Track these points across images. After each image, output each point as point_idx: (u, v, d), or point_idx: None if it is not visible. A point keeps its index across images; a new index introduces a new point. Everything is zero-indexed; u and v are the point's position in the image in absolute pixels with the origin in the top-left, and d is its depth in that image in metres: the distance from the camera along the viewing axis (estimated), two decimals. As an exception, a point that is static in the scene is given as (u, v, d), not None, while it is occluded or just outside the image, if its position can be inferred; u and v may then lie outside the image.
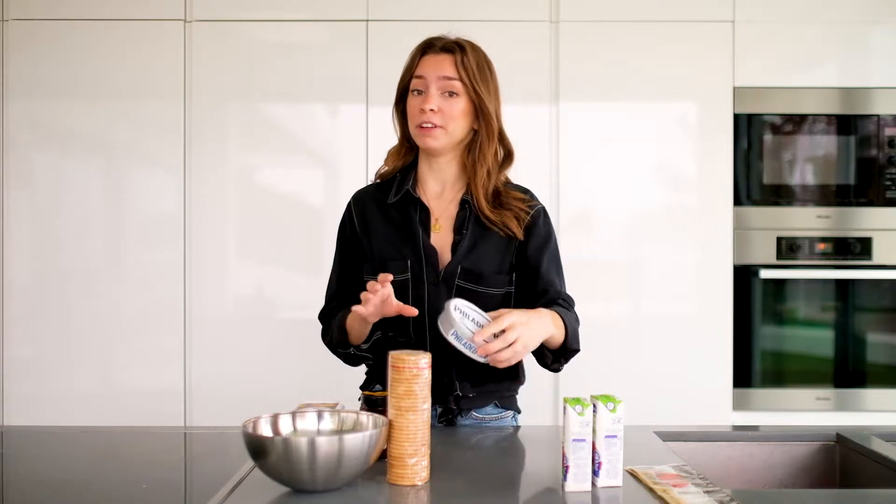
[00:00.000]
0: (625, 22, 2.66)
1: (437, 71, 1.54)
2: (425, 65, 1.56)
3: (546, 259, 1.60)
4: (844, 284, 2.69)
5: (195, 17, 2.64)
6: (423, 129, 1.54)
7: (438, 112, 1.54)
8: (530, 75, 2.65)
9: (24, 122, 2.65)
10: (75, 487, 1.27)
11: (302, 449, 1.12)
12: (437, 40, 1.58)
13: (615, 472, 1.21)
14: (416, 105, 1.56)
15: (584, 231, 2.67)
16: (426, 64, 1.56)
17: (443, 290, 1.55)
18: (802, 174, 2.70)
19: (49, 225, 2.65)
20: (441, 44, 1.57)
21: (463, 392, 1.56)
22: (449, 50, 1.56)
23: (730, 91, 2.66)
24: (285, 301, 2.67)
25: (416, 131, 1.56)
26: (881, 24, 2.69)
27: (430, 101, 1.53)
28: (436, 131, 1.54)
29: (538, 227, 1.62)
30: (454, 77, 1.54)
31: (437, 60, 1.56)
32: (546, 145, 2.65)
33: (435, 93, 1.54)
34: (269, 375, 2.59)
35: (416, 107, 1.56)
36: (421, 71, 1.56)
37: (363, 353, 1.59)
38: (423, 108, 1.53)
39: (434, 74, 1.54)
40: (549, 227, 1.64)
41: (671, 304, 2.67)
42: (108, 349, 2.64)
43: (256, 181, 2.68)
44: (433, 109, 1.53)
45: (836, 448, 1.56)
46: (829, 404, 2.66)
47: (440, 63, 1.55)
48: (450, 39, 1.58)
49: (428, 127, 1.54)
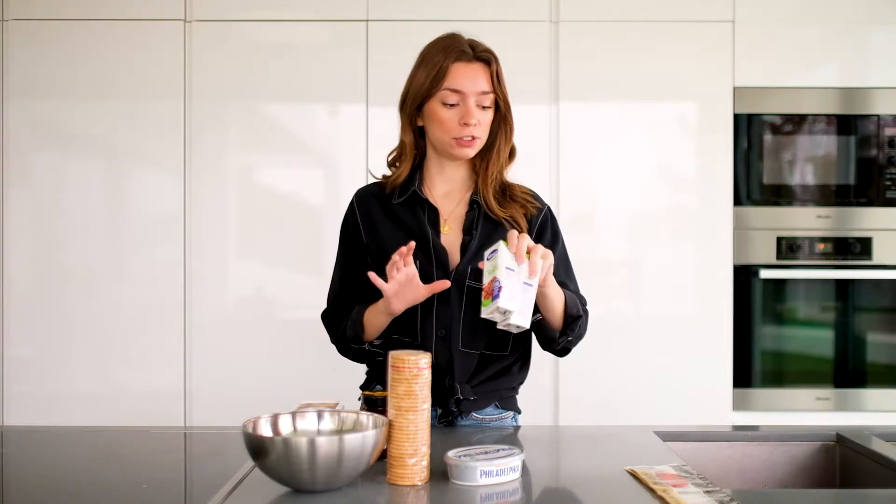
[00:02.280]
0: (625, 22, 2.66)
1: (475, 86, 1.53)
2: (460, 76, 1.53)
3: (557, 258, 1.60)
4: (844, 284, 2.69)
5: (195, 17, 2.64)
6: (463, 142, 1.54)
7: (477, 125, 1.54)
8: (530, 75, 2.65)
9: (24, 122, 2.65)
10: (75, 487, 1.27)
11: (302, 449, 1.12)
12: (465, 45, 1.55)
13: (526, 314, 1.36)
14: (453, 118, 1.54)
15: (584, 231, 2.67)
16: (461, 75, 1.53)
17: (453, 290, 1.55)
18: (802, 174, 2.70)
19: (49, 225, 2.65)
20: (472, 52, 1.55)
21: (464, 395, 1.56)
22: (483, 60, 1.55)
23: (730, 91, 2.66)
24: (285, 301, 2.67)
25: (453, 142, 1.55)
26: (881, 24, 2.69)
27: (472, 116, 1.53)
28: (475, 143, 1.56)
29: (546, 229, 1.63)
30: (489, 91, 1.55)
31: (472, 72, 1.54)
32: (546, 145, 2.65)
33: (473, 106, 1.53)
34: (269, 375, 2.59)
35: (452, 120, 1.54)
36: (457, 84, 1.53)
37: (375, 349, 1.58)
38: (467, 123, 1.53)
39: (472, 89, 1.53)
40: (557, 228, 1.65)
41: (671, 304, 2.67)
42: (108, 349, 2.64)
43: (256, 181, 2.68)
44: (476, 123, 1.54)
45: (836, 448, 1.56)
46: (829, 404, 2.67)
47: (475, 75, 1.54)
48: (478, 46, 1.56)
49: (468, 140, 1.54)
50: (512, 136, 1.61)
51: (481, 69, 1.54)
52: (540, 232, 1.62)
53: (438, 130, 1.55)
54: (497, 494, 1.18)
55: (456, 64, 1.53)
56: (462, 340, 1.56)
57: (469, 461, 1.21)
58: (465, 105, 1.53)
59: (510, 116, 1.59)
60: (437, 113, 1.54)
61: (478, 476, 1.20)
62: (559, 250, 1.62)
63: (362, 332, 1.56)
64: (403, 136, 1.61)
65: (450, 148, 1.56)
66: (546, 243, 1.60)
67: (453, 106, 1.53)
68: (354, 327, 1.56)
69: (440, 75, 1.53)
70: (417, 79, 1.56)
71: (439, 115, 1.54)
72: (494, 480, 1.21)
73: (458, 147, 1.55)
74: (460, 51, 1.54)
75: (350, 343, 1.59)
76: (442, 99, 1.53)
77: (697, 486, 1.20)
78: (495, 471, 1.21)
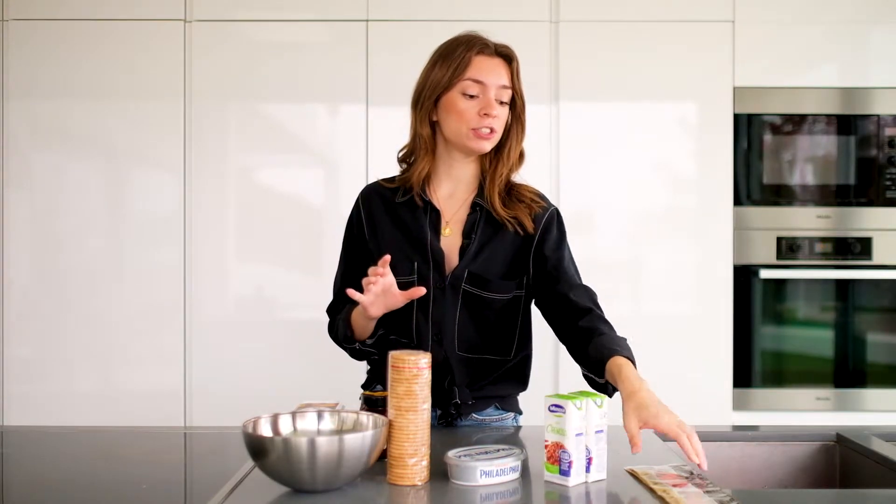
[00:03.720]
0: (625, 22, 2.66)
1: (497, 79, 1.54)
2: (483, 68, 1.53)
3: (566, 257, 1.61)
4: (844, 284, 2.69)
5: (195, 17, 2.64)
6: (482, 134, 1.54)
7: (496, 117, 1.54)
8: (530, 75, 2.61)
9: (24, 122, 2.65)
10: (75, 487, 1.27)
11: (302, 449, 1.12)
12: (487, 41, 1.56)
13: (602, 466, 1.26)
14: (472, 108, 1.53)
15: (584, 231, 2.67)
16: (484, 67, 1.54)
17: (449, 294, 1.55)
18: (802, 174, 2.70)
19: (49, 225, 2.65)
20: (495, 47, 1.56)
21: (462, 399, 1.56)
22: (504, 55, 1.56)
23: (730, 91, 2.66)
24: (285, 301, 2.66)
25: (471, 133, 1.54)
26: (881, 24, 2.69)
27: (493, 107, 1.53)
28: (493, 136, 1.55)
29: (552, 229, 1.62)
30: (509, 87, 1.56)
31: (494, 66, 1.55)
32: (546, 145, 2.65)
33: (493, 98, 1.54)
34: (269, 375, 2.59)
35: (471, 110, 1.53)
36: (480, 75, 1.53)
37: (368, 349, 1.58)
38: (487, 113, 1.53)
39: (495, 82, 1.54)
40: (564, 230, 1.65)
41: (671, 304, 2.67)
42: (108, 349, 2.64)
43: (256, 181, 2.68)
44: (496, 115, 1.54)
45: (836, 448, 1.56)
46: (829, 404, 2.66)
47: (497, 69, 1.55)
48: (500, 43, 1.57)
49: (486, 132, 1.54)
50: (523, 137, 1.62)
51: (502, 64, 1.56)
52: (545, 231, 1.60)
53: (456, 122, 1.54)
54: (497, 494, 1.18)
55: (479, 56, 1.54)
56: (459, 345, 1.56)
57: (469, 461, 1.21)
58: (485, 96, 1.53)
59: (524, 116, 1.60)
60: (457, 104, 1.54)
61: (478, 476, 1.20)
62: (567, 252, 1.62)
63: (351, 332, 1.57)
64: (420, 129, 1.59)
65: (466, 140, 1.55)
66: (552, 243, 1.60)
67: (473, 97, 1.53)
68: (344, 328, 1.58)
69: (463, 65, 1.53)
70: (436, 72, 1.56)
71: (459, 105, 1.54)
72: (494, 480, 1.21)
73: (475, 139, 1.54)
74: (483, 44, 1.56)
75: (343, 343, 1.60)
76: (463, 89, 1.53)
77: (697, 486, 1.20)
78: (495, 471, 1.21)
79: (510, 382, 1.63)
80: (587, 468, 1.24)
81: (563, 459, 1.22)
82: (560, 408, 1.23)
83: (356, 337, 1.57)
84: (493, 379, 1.60)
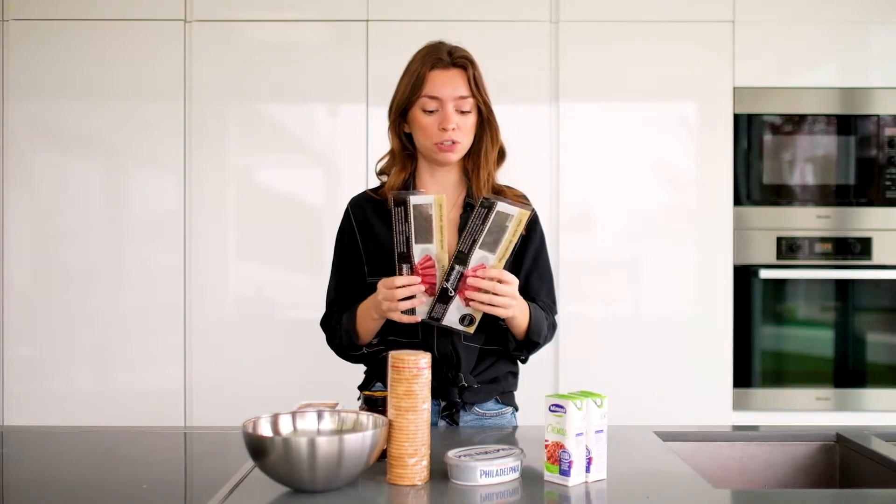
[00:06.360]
0: (625, 22, 2.66)
1: (452, 91, 1.55)
2: (438, 83, 1.55)
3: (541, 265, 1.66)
4: (844, 284, 2.69)
5: (195, 17, 2.64)
6: (444, 147, 1.56)
7: (457, 129, 1.56)
8: (530, 75, 2.65)
9: (24, 122, 2.65)
10: (75, 487, 1.27)
11: (302, 449, 1.12)
12: (443, 53, 1.57)
13: (602, 466, 1.26)
14: (432, 124, 1.56)
15: (583, 231, 2.67)
16: (438, 82, 1.55)
17: None
18: (802, 174, 2.70)
19: (49, 225, 2.65)
20: (449, 59, 1.57)
21: (468, 382, 1.58)
22: (460, 66, 1.57)
23: (730, 91, 2.66)
24: (285, 301, 2.67)
25: (435, 148, 1.57)
26: (881, 24, 2.69)
27: (450, 121, 1.55)
28: (456, 147, 1.57)
29: (537, 228, 1.67)
30: (468, 95, 1.56)
31: (449, 78, 1.56)
32: (546, 145, 2.65)
33: (451, 111, 1.55)
34: (269, 375, 2.59)
35: (432, 126, 1.56)
36: (435, 91, 1.55)
37: (376, 348, 1.60)
38: (444, 128, 1.55)
39: (450, 95, 1.55)
40: (542, 232, 1.69)
41: (671, 304, 2.67)
42: (108, 349, 2.64)
43: (256, 181, 2.68)
44: (454, 128, 1.55)
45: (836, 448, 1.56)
46: (829, 404, 2.66)
47: (453, 81, 1.56)
48: (456, 52, 1.58)
49: (448, 145, 1.56)
50: (498, 138, 1.63)
51: (458, 74, 1.57)
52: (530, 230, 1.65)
53: (421, 137, 1.58)
54: (497, 494, 1.18)
55: (433, 71, 1.56)
56: (463, 335, 1.58)
57: (469, 461, 1.21)
58: (443, 111, 1.55)
59: (493, 119, 1.61)
60: (419, 120, 1.57)
61: (478, 476, 1.21)
62: (542, 255, 1.67)
63: (357, 338, 1.59)
64: (392, 142, 1.65)
65: (433, 153, 1.59)
66: (536, 245, 1.65)
67: (433, 112, 1.56)
68: (348, 336, 1.59)
69: (419, 83, 1.56)
70: (400, 88, 1.60)
71: (420, 121, 1.57)
72: (494, 480, 1.21)
73: (439, 152, 1.57)
74: (437, 58, 1.57)
75: (348, 351, 1.62)
76: (422, 106, 1.56)
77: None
78: (495, 471, 1.21)
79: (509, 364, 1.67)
80: (587, 468, 1.24)
81: (564, 459, 1.23)
82: (560, 408, 1.24)
83: (361, 342, 1.59)
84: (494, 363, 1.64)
